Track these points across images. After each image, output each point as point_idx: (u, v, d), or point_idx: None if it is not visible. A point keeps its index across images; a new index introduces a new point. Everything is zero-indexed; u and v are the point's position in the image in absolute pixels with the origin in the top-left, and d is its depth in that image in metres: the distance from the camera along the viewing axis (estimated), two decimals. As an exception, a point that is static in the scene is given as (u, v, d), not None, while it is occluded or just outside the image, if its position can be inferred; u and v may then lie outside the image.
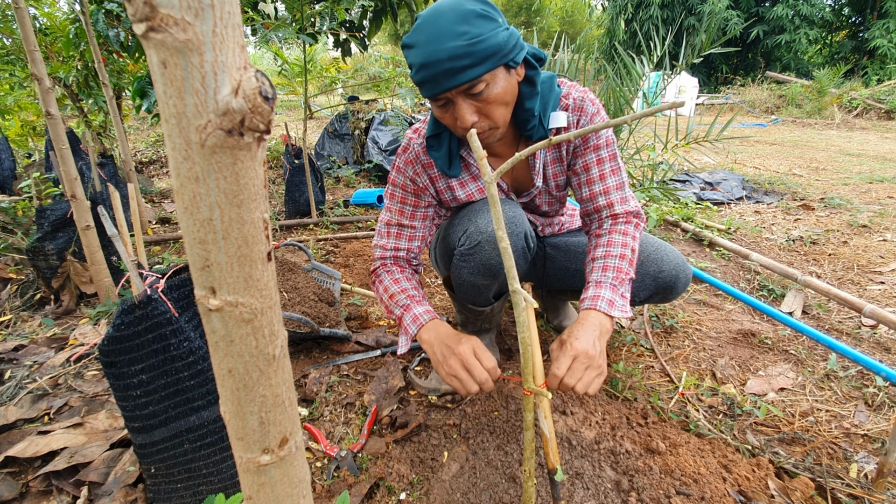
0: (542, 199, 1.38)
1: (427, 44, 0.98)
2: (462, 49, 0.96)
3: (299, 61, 3.23)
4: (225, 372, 0.37)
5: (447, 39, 0.97)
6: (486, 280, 1.28)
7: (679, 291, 1.34)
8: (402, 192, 1.31)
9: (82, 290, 2.00)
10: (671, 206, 3.12)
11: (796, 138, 7.17)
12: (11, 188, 3.65)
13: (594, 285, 1.15)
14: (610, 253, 1.19)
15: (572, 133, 0.52)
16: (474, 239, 1.22)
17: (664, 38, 2.58)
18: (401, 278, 1.28)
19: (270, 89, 0.31)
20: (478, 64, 0.99)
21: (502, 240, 0.67)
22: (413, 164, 1.28)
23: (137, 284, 0.85)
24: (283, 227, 3.09)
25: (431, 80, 1.00)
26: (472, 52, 0.97)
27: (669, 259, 1.31)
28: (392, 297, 1.25)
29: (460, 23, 0.97)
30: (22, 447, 1.15)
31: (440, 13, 0.98)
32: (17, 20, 1.55)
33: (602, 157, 1.25)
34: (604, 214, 1.27)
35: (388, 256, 1.33)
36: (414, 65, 1.02)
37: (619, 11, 16.27)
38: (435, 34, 0.97)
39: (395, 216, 1.33)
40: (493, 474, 1.11)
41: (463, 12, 0.98)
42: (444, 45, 0.97)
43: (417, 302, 1.22)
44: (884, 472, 1.04)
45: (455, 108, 1.05)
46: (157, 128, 7.38)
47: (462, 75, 0.99)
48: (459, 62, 0.97)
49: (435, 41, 0.97)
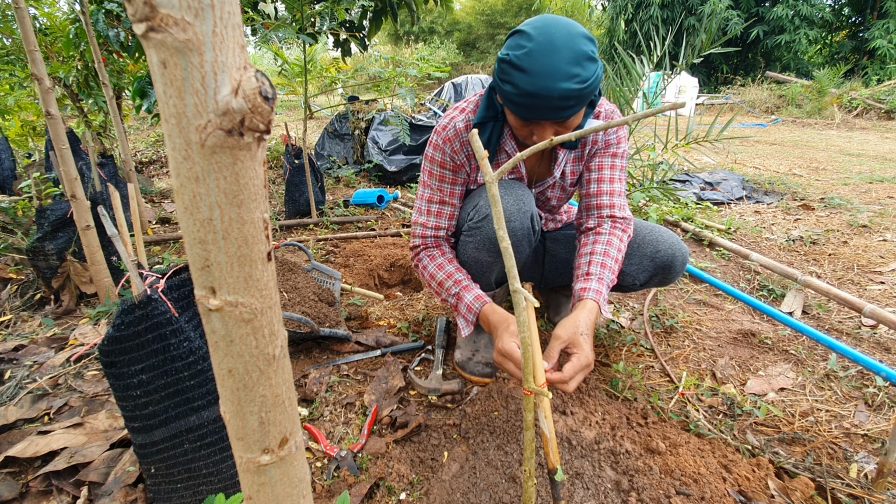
0: (553, 192, 1.43)
1: (540, 77, 1.01)
2: (573, 93, 1.02)
3: (299, 61, 3.23)
4: (225, 372, 0.37)
5: (561, 80, 1.01)
6: (490, 256, 1.31)
7: (677, 270, 1.38)
8: (441, 169, 1.34)
9: (82, 290, 2.00)
10: (671, 206, 3.12)
11: (796, 138, 7.17)
12: (11, 188, 3.65)
13: (596, 279, 1.23)
14: (609, 253, 1.28)
15: (574, 133, 0.53)
16: (483, 212, 1.27)
17: (664, 38, 2.58)
18: (443, 262, 1.34)
19: (270, 89, 0.31)
20: (582, 102, 1.05)
21: (503, 240, 0.67)
22: (452, 142, 1.31)
23: (137, 284, 0.85)
24: (283, 227, 3.09)
25: (535, 109, 1.05)
26: (580, 96, 1.03)
27: (665, 239, 1.37)
28: (441, 285, 1.33)
29: (574, 64, 1.01)
30: (22, 447, 1.15)
31: (556, 47, 1.01)
32: (17, 20, 1.55)
33: (616, 164, 1.35)
34: (604, 213, 1.35)
35: (429, 235, 1.37)
36: (519, 87, 1.04)
37: (619, 11, 16.27)
38: (549, 70, 1.01)
39: (435, 193, 1.36)
40: (493, 474, 1.11)
41: (578, 53, 1.02)
42: (557, 85, 1.01)
43: (466, 288, 1.30)
44: (884, 472, 1.04)
45: (539, 127, 1.11)
46: (157, 128, 7.38)
47: (565, 113, 1.05)
48: (567, 103, 1.03)
49: (549, 77, 1.01)
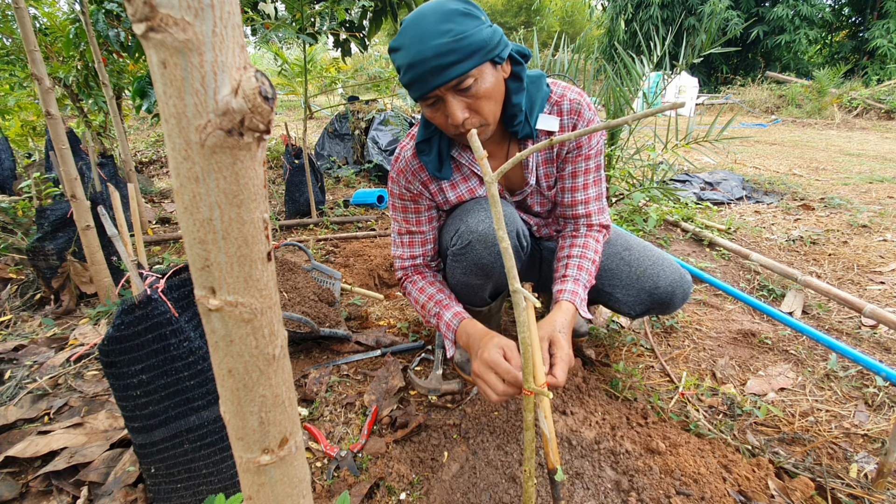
0: (533, 200, 1.40)
1: (412, 44, 0.99)
2: (447, 46, 0.98)
3: (299, 61, 3.23)
4: (225, 372, 0.37)
5: (432, 38, 0.98)
6: (479, 279, 1.30)
7: (676, 306, 1.35)
8: (401, 201, 1.34)
9: (82, 290, 2.00)
10: (671, 206, 3.12)
11: (796, 138, 7.17)
12: (11, 188, 3.65)
13: (572, 280, 1.24)
14: (585, 255, 1.28)
15: (574, 133, 0.52)
16: (465, 238, 1.24)
17: (664, 38, 2.58)
18: (424, 286, 1.34)
19: (270, 89, 0.31)
20: (464, 59, 1.00)
21: (503, 240, 0.66)
22: (404, 173, 1.31)
23: (137, 284, 0.85)
24: (283, 227, 3.09)
25: (419, 79, 1.01)
26: (458, 48, 0.98)
27: (666, 275, 1.31)
28: (424, 308, 1.32)
29: (444, 21, 0.98)
30: (22, 447, 1.15)
31: (423, 15, 1.00)
32: (17, 20, 1.55)
33: (590, 168, 1.30)
34: (581, 222, 1.34)
35: (407, 266, 1.38)
36: (402, 67, 1.03)
37: (619, 11, 16.27)
38: (419, 34, 0.99)
39: (402, 225, 1.36)
40: (493, 474, 1.11)
41: (446, 12, 0.99)
42: (429, 44, 0.98)
43: (445, 307, 1.28)
44: (884, 472, 1.04)
45: (445, 105, 1.06)
46: (157, 128, 7.38)
47: (449, 71, 1.00)
48: (446, 59, 0.98)
49: (420, 41, 0.98)
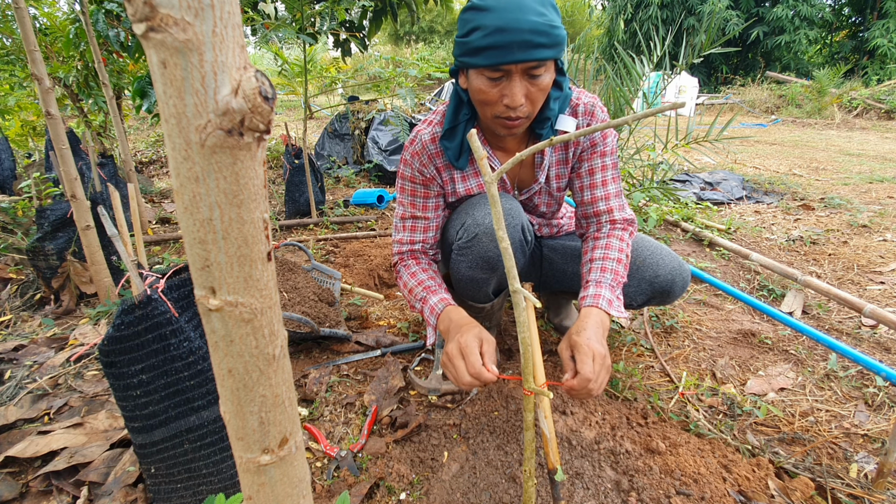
0: (541, 199, 1.39)
1: (508, 11, 0.98)
2: (543, 26, 0.98)
3: (299, 61, 3.23)
4: (225, 372, 0.37)
5: (530, 13, 0.98)
6: (484, 273, 1.29)
7: (676, 295, 1.35)
8: (412, 184, 1.32)
9: (82, 290, 2.00)
10: (671, 206, 3.12)
11: (796, 138, 7.17)
12: (11, 188, 3.65)
13: (594, 284, 1.18)
14: (608, 256, 1.22)
15: (575, 133, 0.52)
16: (471, 231, 1.23)
17: (664, 38, 2.58)
18: (417, 271, 1.30)
19: (270, 89, 0.31)
20: (550, 47, 1.00)
21: (502, 240, 0.66)
22: (419, 155, 1.29)
23: (137, 284, 0.85)
24: (283, 227, 3.09)
25: (505, 46, 0.99)
26: (550, 33, 0.99)
27: (666, 263, 1.32)
28: (411, 292, 1.28)
29: (541, 4, 0.99)
30: (22, 447, 1.15)
31: None
32: (17, 20, 1.55)
33: (606, 164, 1.29)
34: (603, 219, 1.31)
35: (405, 251, 1.35)
36: (485, 27, 0.99)
37: (618, 11, 16.27)
38: (518, 4, 0.98)
39: (407, 209, 1.34)
40: (493, 474, 1.11)
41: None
42: (527, 17, 0.97)
43: (433, 292, 1.24)
44: (884, 472, 1.04)
45: (509, 84, 1.04)
46: (157, 128, 7.38)
47: (536, 52, 0.99)
48: (538, 38, 0.98)
49: (518, 10, 0.98)
